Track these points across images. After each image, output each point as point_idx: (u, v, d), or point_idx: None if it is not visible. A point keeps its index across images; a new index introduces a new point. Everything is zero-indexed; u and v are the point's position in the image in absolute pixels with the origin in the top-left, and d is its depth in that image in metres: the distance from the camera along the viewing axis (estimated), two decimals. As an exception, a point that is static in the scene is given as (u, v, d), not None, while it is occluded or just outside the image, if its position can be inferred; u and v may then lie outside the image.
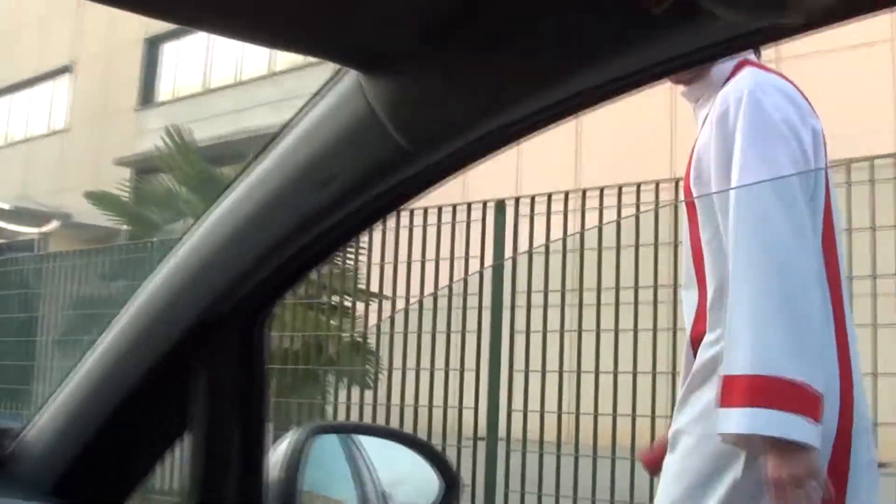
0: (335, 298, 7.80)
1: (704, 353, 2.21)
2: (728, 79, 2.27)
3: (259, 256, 1.14)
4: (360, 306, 7.86)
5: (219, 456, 1.20)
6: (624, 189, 6.24)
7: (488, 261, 6.78)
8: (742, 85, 2.19)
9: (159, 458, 1.29)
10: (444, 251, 6.85)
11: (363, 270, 7.52)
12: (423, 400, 6.67)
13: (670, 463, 2.26)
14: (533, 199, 6.68)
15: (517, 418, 6.28)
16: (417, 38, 0.98)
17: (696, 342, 2.27)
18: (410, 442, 1.47)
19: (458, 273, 6.76)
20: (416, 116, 1.02)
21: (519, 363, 6.34)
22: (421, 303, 6.87)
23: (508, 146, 1.07)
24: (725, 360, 2.07)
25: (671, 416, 2.35)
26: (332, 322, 7.97)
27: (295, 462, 1.26)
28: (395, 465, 1.47)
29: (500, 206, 6.82)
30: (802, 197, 2.12)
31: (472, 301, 6.67)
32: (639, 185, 6.27)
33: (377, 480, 1.45)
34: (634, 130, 13.12)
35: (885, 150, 6.28)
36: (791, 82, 2.27)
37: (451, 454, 6.04)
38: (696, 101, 2.39)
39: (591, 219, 6.45)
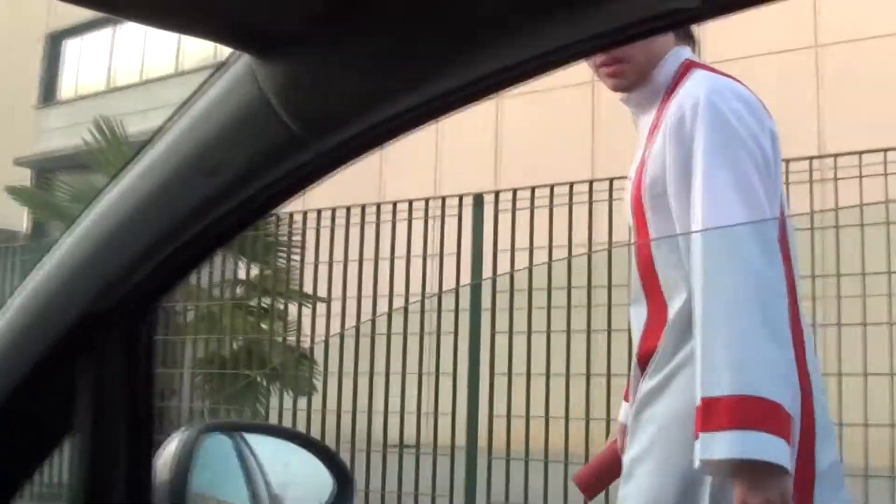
0: (287, 301, 7.65)
1: (659, 372, 2.13)
2: (675, 83, 2.26)
3: (146, 249, 1.09)
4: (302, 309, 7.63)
5: (105, 456, 1.15)
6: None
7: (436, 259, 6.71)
8: (696, 90, 2.16)
9: (44, 460, 1.23)
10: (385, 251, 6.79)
11: (308, 272, 7.28)
12: (368, 406, 6.56)
13: (629, 494, 2.16)
14: (515, 192, 6.61)
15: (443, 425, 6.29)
16: (312, 20, 0.95)
17: (645, 359, 2.20)
18: (303, 441, 1.44)
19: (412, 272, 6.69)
20: (310, 102, 0.99)
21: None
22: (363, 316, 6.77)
23: (406, 133, 1.04)
24: (702, 381, 1.95)
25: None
26: (263, 325, 7.78)
27: (184, 462, 1.22)
28: (287, 464, 1.43)
29: (479, 199, 6.72)
30: (768, 206, 2.08)
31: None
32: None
33: (269, 481, 1.41)
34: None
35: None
36: (742, 84, 2.24)
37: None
38: (637, 107, 2.38)
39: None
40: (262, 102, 0.98)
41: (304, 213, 7.26)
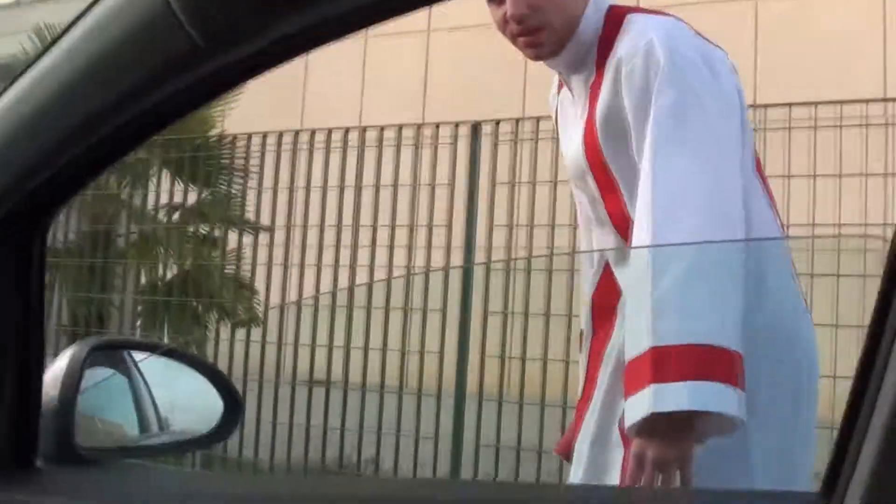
0: (227, 229, 7.30)
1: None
2: (609, 33, 2.16)
3: (38, 159, 1.05)
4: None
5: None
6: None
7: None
8: (645, 34, 2.05)
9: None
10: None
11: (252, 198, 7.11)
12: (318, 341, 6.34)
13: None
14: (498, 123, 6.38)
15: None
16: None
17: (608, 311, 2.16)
18: (193, 362, 1.42)
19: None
20: (213, 12, 0.95)
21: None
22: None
23: (309, 51, 1.01)
24: (653, 330, 1.83)
25: None
26: (205, 253, 7.50)
27: (73, 380, 1.19)
28: (176, 385, 1.41)
29: (476, 129, 6.37)
30: (743, 152, 2.03)
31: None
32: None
33: (156, 401, 1.39)
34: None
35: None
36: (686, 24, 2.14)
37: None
38: (567, 68, 2.25)
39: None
40: (165, 10, 0.95)
41: (249, 136, 7.08)
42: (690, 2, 11.48)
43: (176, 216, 7.24)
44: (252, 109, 7.66)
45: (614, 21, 2.16)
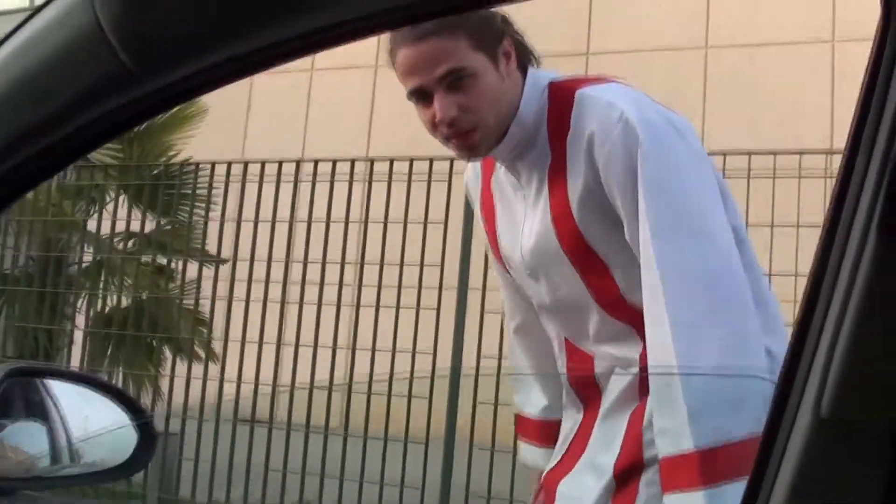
0: (186, 260, 7.18)
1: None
2: (557, 110, 2.10)
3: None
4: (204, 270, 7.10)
5: None
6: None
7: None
8: (613, 109, 2.00)
9: None
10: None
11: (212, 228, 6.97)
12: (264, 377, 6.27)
13: None
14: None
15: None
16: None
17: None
18: (106, 389, 1.40)
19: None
20: (144, 35, 0.95)
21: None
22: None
23: (242, 77, 1.01)
24: (661, 439, 1.91)
25: None
26: (161, 284, 7.43)
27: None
28: (90, 414, 1.39)
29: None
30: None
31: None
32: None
33: (71, 431, 1.38)
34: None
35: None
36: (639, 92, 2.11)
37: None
38: (512, 153, 2.17)
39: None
40: (96, 32, 0.94)
41: (213, 165, 6.97)
42: (643, 48, 11.67)
43: (131, 244, 7.10)
44: (197, 138, 7.65)
45: (562, 98, 2.10)
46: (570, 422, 2.29)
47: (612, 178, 1.99)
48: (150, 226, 7.21)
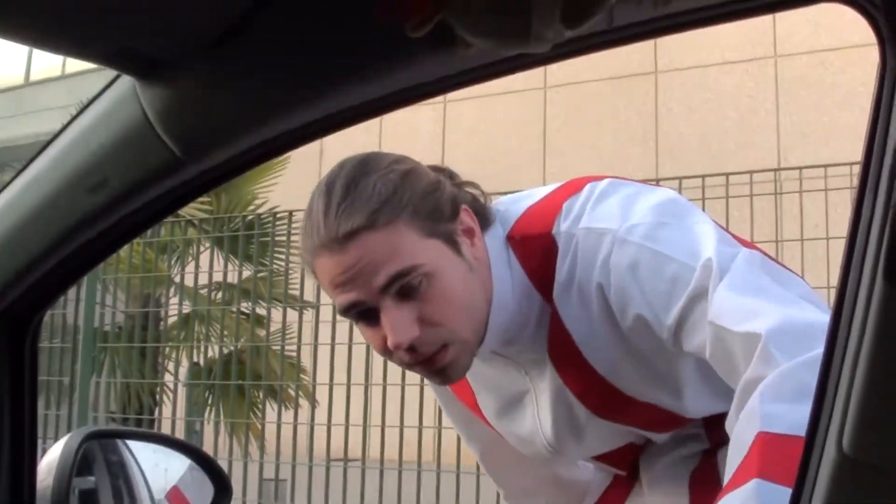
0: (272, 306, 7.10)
1: None
2: (535, 270, 1.64)
3: (28, 261, 1.12)
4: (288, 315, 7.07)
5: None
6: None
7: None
8: (599, 237, 1.59)
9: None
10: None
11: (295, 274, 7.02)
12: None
13: None
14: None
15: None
16: (193, 46, 0.98)
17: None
18: (183, 448, 1.47)
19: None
20: (189, 125, 1.02)
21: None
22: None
23: (279, 154, 1.08)
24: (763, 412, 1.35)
25: None
26: (258, 332, 7.44)
27: (67, 469, 1.25)
28: (169, 471, 1.46)
29: None
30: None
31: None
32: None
33: (151, 488, 1.45)
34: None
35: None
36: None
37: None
38: (503, 341, 1.66)
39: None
40: (143, 124, 1.02)
41: (290, 213, 6.94)
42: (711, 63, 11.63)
43: (219, 295, 7.19)
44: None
45: (533, 252, 1.65)
46: (601, 472, 2.01)
47: (640, 308, 1.55)
48: (235, 275, 7.31)
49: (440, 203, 1.55)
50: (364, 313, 1.53)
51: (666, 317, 1.52)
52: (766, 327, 1.37)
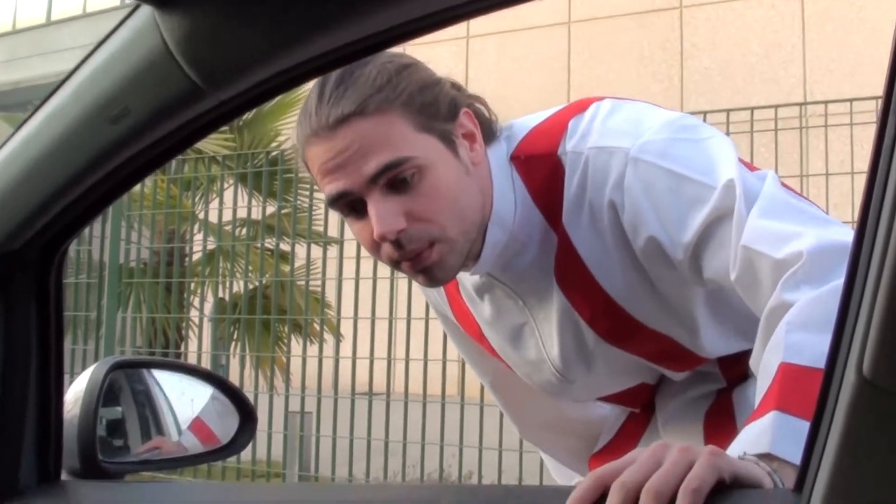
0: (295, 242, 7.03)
1: None
2: (537, 186, 1.60)
3: (52, 192, 1.13)
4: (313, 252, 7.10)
5: (16, 392, 1.20)
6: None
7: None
8: (610, 156, 1.54)
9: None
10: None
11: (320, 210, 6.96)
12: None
13: None
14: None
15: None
16: (212, -27, 0.97)
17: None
18: (208, 377, 1.49)
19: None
20: (209, 53, 1.02)
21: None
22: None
23: (302, 83, 1.08)
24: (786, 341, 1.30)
25: None
26: (283, 268, 7.46)
27: (93, 399, 1.27)
28: (195, 401, 1.48)
29: None
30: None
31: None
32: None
33: (178, 417, 1.47)
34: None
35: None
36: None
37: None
38: (501, 262, 1.65)
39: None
40: (164, 53, 1.01)
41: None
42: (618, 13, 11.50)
43: (243, 231, 7.20)
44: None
45: (538, 170, 1.61)
46: (616, 410, 2.01)
47: (652, 225, 1.52)
48: (259, 211, 7.32)
49: (438, 99, 1.52)
50: (352, 205, 1.51)
51: (682, 238, 1.49)
52: (807, 247, 1.35)
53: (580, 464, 2.06)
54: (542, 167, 1.59)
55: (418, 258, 1.51)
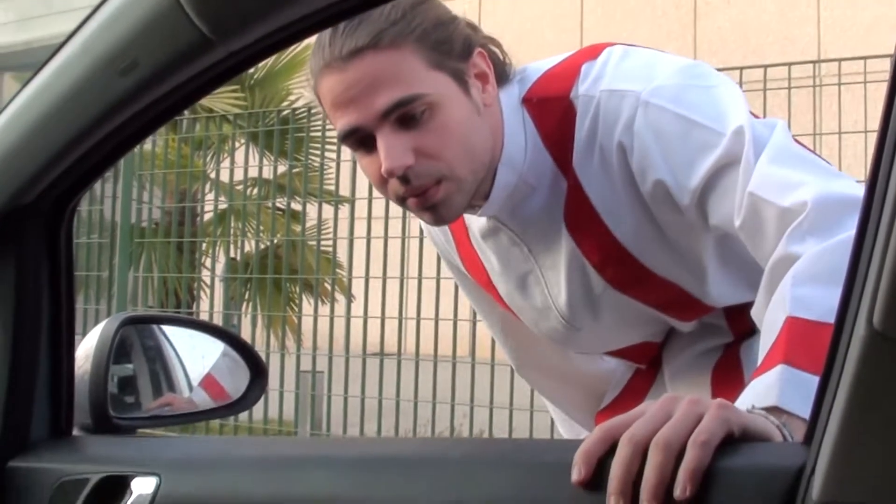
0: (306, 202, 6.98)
1: None
2: (550, 128, 1.60)
3: (62, 146, 1.13)
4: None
5: (27, 347, 1.21)
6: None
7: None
8: (621, 99, 1.54)
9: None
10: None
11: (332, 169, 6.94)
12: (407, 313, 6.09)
13: None
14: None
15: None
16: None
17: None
18: (219, 333, 1.49)
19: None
20: (219, 4, 1.01)
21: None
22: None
23: (312, 34, 1.07)
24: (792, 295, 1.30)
25: None
26: (293, 227, 7.36)
27: (104, 355, 1.27)
28: (206, 357, 1.48)
29: None
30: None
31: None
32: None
33: (189, 373, 1.47)
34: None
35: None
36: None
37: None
38: (510, 205, 1.64)
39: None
40: (172, 4, 1.01)
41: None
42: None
43: (254, 191, 7.18)
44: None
45: (550, 113, 1.61)
46: (622, 366, 2.00)
47: (662, 169, 1.52)
48: (270, 170, 7.29)
49: (452, 37, 1.52)
50: (363, 140, 1.51)
51: (689, 183, 1.50)
52: (812, 197, 1.35)
53: (585, 418, 2.06)
54: (554, 110, 1.59)
55: (425, 195, 1.52)
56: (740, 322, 1.77)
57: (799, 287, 1.28)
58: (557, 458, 0.96)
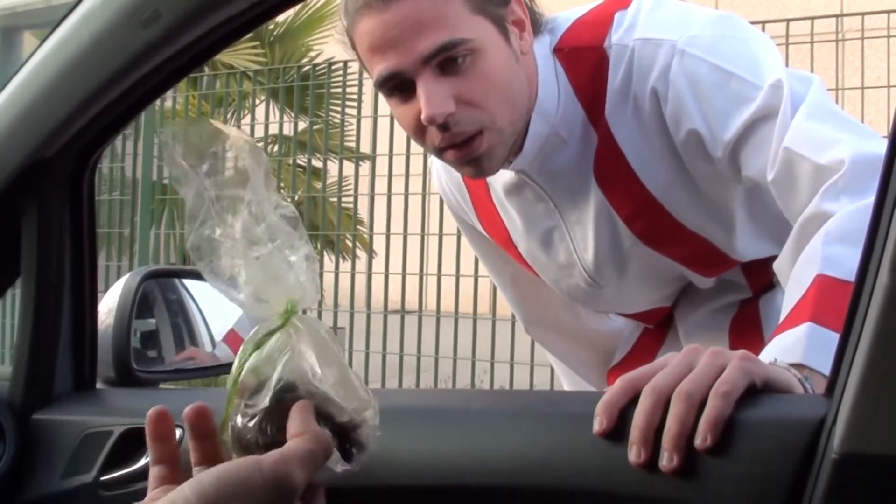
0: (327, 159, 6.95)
1: None
2: (581, 79, 1.57)
3: (85, 98, 1.13)
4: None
5: (51, 299, 1.21)
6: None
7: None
8: (656, 48, 1.51)
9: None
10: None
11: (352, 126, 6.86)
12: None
13: None
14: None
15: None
16: None
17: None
18: None
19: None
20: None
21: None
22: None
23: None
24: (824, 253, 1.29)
25: None
26: (314, 184, 7.35)
27: (127, 309, 1.27)
28: (228, 311, 1.47)
29: None
30: None
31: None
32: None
33: (211, 327, 1.47)
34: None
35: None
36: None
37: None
38: (541, 157, 1.60)
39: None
40: None
41: (345, 63, 6.70)
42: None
43: (275, 148, 7.17)
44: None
45: (582, 64, 1.57)
46: (631, 325, 2.00)
47: (696, 124, 1.50)
48: (291, 127, 7.27)
49: None
50: (401, 86, 1.44)
51: (723, 133, 1.47)
52: (850, 156, 1.33)
53: (592, 374, 2.07)
54: (586, 60, 1.55)
55: (469, 148, 1.46)
56: (759, 277, 1.77)
57: (830, 245, 1.27)
58: (579, 409, 0.96)
